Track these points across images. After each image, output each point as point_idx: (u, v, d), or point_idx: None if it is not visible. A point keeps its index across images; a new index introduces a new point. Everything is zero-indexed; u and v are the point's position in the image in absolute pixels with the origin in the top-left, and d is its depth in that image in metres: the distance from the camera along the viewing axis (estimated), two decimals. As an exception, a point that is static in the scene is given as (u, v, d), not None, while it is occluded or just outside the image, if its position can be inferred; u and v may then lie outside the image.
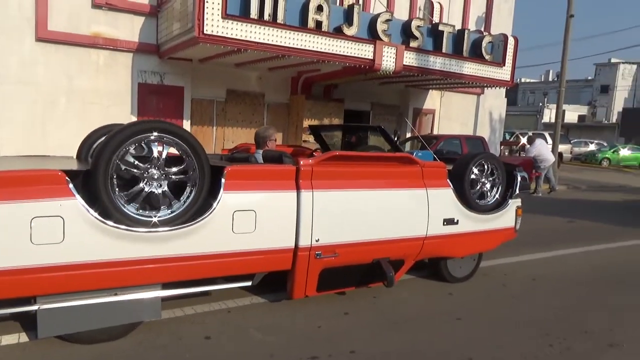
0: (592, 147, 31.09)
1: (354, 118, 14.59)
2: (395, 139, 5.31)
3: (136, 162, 3.20)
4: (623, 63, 48.35)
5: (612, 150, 28.62)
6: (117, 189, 3.09)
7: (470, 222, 4.64)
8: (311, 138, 12.43)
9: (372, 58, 10.48)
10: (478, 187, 4.83)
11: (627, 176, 21.85)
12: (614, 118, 44.36)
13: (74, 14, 9.63)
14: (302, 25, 9.52)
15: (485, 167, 4.85)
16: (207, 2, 8.14)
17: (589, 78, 53.26)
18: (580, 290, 4.98)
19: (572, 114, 45.27)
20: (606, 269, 5.88)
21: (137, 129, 3.15)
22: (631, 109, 41.34)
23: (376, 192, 4.05)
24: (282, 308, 4.05)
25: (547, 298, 4.68)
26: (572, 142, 28.62)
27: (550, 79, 56.25)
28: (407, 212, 4.22)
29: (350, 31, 10.04)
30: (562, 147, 22.13)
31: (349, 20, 10.07)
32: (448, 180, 4.53)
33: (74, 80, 9.87)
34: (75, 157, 4.49)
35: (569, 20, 14.92)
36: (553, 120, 19.71)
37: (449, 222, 4.48)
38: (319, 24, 9.61)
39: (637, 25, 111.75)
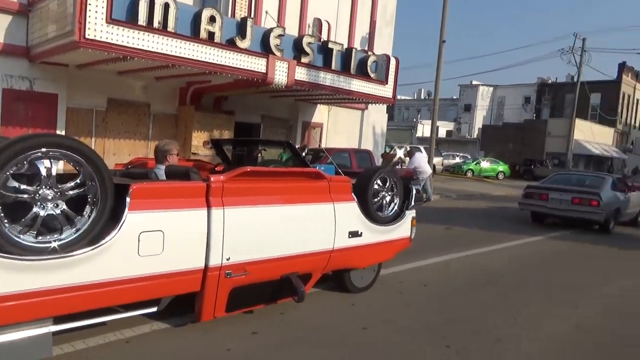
0: (458, 159, 34.41)
1: (245, 131, 14.49)
2: (304, 154, 5.41)
3: (22, 187, 2.82)
4: (482, 85, 54.45)
5: (474, 163, 31.96)
6: (4, 219, 2.70)
7: (372, 234, 4.86)
8: (200, 151, 12.18)
9: (264, 72, 10.54)
10: (379, 200, 5.08)
11: (488, 185, 24.54)
12: (475, 133, 49.62)
13: None
14: (194, 36, 9.26)
15: (386, 181, 5.13)
16: (89, 4, 7.56)
17: (455, 97, 59.05)
18: (465, 293, 5.46)
19: (441, 129, 49.79)
20: (483, 271, 6.53)
21: (22, 146, 2.74)
22: (489, 125, 46.69)
23: (286, 207, 4.06)
24: (188, 333, 3.85)
25: (439, 302, 5.06)
26: (442, 154, 31.45)
27: (422, 97, 61.27)
28: (315, 226, 4.30)
29: (243, 44, 10.00)
30: (435, 160, 24.16)
31: (242, 33, 10.03)
32: (353, 194, 4.70)
33: None
34: None
35: (441, 46, 16.44)
36: (426, 134, 21.50)
37: (354, 234, 4.64)
38: (211, 34, 9.44)
39: (495, 53, 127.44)
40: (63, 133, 10.51)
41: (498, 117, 52.72)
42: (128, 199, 3.14)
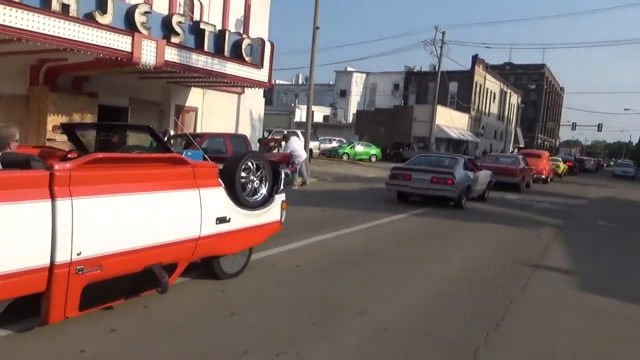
0: (334, 143, 35.72)
1: (111, 115, 13.45)
2: (165, 138, 5.18)
3: None
4: (356, 72, 56.90)
5: (349, 147, 33.48)
6: None
7: (241, 219, 4.84)
8: (58, 137, 11.05)
9: (130, 51, 9.87)
10: (248, 185, 5.08)
11: (362, 168, 25.91)
12: (350, 118, 51.84)
13: None
14: (44, 7, 8.30)
15: (254, 165, 5.13)
16: None
17: (331, 83, 60.99)
18: (334, 271, 5.75)
19: (318, 114, 51.09)
20: (353, 249, 6.92)
21: None
22: (363, 111, 49.10)
23: (146, 195, 3.86)
24: (35, 338, 3.50)
25: (309, 282, 5.26)
26: (319, 139, 32.38)
27: (300, 82, 62.25)
28: (179, 214, 4.16)
29: (104, 19, 9.24)
30: (312, 144, 24.80)
31: (102, 7, 9.26)
32: (219, 179, 4.63)
33: None
34: None
35: (315, 32, 16.79)
36: (304, 119, 21.95)
37: (222, 220, 4.57)
38: (65, 7, 8.56)
39: (366, 41, 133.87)
40: None
41: (371, 102, 55.67)
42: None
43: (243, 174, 4.98)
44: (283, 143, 14.85)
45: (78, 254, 3.37)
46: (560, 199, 17.15)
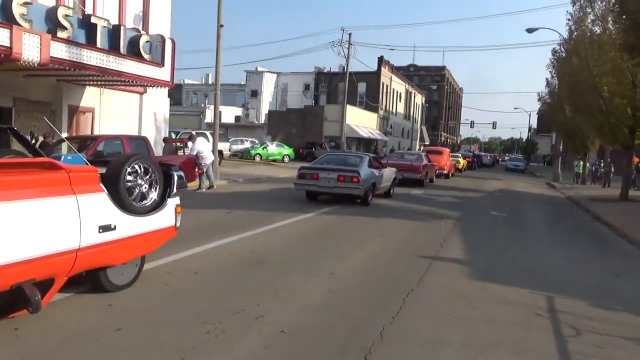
0: (246, 144, 35.28)
1: (-10, 116, 12.16)
2: (33, 141, 4.70)
3: None
4: (267, 72, 56.63)
5: (262, 147, 33.23)
6: None
7: (129, 226, 4.52)
8: None
9: (8, 45, 8.96)
10: (135, 190, 4.76)
11: (274, 168, 25.81)
12: (262, 119, 51.51)
13: None
14: None
15: (141, 168, 4.81)
16: None
17: (242, 83, 60.14)
18: (234, 276, 5.58)
19: (230, 114, 50.24)
20: (255, 252, 6.76)
21: None
22: (275, 111, 48.99)
23: (9, 204, 3.44)
24: None
25: (207, 289, 5.04)
26: (230, 140, 31.79)
27: (210, 82, 60.67)
28: (53, 223, 3.76)
29: (-28, 10, 8.24)
30: (222, 145, 24.24)
31: (-32, -4, 8.25)
32: (101, 184, 4.29)
33: None
34: None
35: (219, 30, 16.36)
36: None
37: (106, 228, 4.23)
38: None
39: (277, 41, 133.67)
40: None
41: (282, 102, 55.72)
42: None
43: (129, 178, 4.66)
44: (190, 144, 14.32)
45: None
46: (460, 193, 18.26)
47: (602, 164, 25.89)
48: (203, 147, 14.21)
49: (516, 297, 5.42)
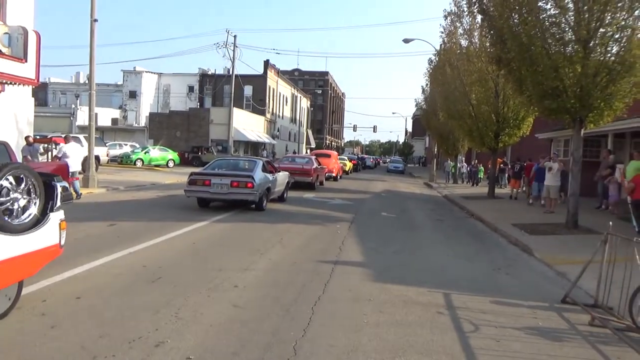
0: (126, 148, 32.88)
1: None
2: None
3: None
4: (146, 72, 53.47)
5: (144, 152, 31.19)
6: None
7: (3, 248, 3.87)
8: None
9: None
10: (9, 205, 4.11)
11: (158, 174, 24.34)
12: (143, 121, 48.50)
13: None
14: None
15: (16, 180, 4.17)
16: None
17: (119, 83, 56.07)
18: (126, 297, 4.99)
19: (106, 117, 46.49)
20: (146, 268, 6.16)
21: None
22: (156, 113, 46.39)
23: None
24: None
25: (94, 316, 4.42)
26: (107, 144, 29.34)
27: (81, 81, 55.72)
28: None
29: None
30: (99, 150, 22.25)
31: None
32: None
33: None
34: None
35: (93, 24, 14.96)
36: (88, 122, 19.46)
37: None
38: None
39: (157, 40, 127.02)
40: None
41: (165, 104, 53.07)
42: None
43: (2, 192, 4.01)
44: (60, 145, 12.92)
45: None
46: (350, 195, 18.82)
47: (476, 166, 28.47)
48: (74, 152, 12.86)
49: (417, 297, 5.59)
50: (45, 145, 16.49)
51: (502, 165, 24.58)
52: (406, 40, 28.76)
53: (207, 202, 12.05)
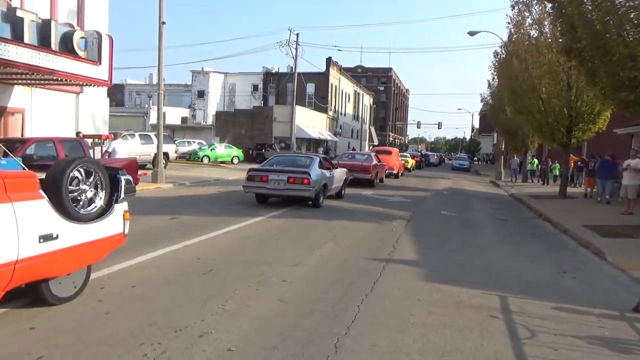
0: (194, 146, 34.25)
1: None
2: None
3: None
4: (213, 72, 55.39)
5: (210, 149, 32.34)
6: None
7: (73, 235, 4.18)
8: None
9: None
10: (79, 195, 4.42)
11: (223, 170, 25.14)
12: (210, 120, 50.32)
13: None
14: None
15: (85, 172, 4.47)
16: None
17: (188, 83, 58.50)
18: (177, 287, 5.17)
19: (176, 116, 48.71)
20: (200, 260, 6.36)
21: None
22: (222, 112, 47.95)
23: None
24: None
25: (146, 304, 4.61)
26: (176, 142, 30.71)
27: (154, 82, 58.67)
28: None
29: None
30: (168, 147, 23.35)
31: None
32: (41, 191, 3.93)
33: None
34: None
35: (161, 27, 15.66)
36: (158, 121, 20.45)
37: (47, 238, 3.90)
38: None
39: (223, 40, 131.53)
40: None
41: (230, 103, 54.70)
42: None
43: (72, 183, 4.30)
44: (108, 140, 13.89)
45: None
46: (410, 192, 18.45)
47: (551, 164, 26.46)
48: (121, 148, 13.69)
49: (470, 299, 5.35)
50: (96, 140, 17.45)
51: (579, 162, 22.98)
52: (471, 33, 27.74)
53: (265, 198, 12.26)
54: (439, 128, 72.87)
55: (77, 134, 14.62)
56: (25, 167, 4.61)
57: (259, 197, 12.21)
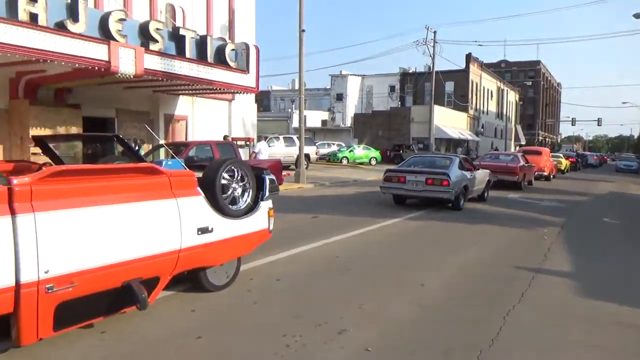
0: (333, 147, 35.36)
1: (97, 126, 13.11)
2: (137, 148, 4.90)
3: None
4: (351, 75, 56.55)
5: (349, 150, 33.11)
6: None
7: (225, 228, 4.59)
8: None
9: (107, 60, 9.53)
10: (229, 193, 4.83)
11: (361, 171, 25.51)
12: (348, 122, 51.45)
13: None
14: (10, 17, 7.95)
15: (235, 172, 4.87)
16: None
17: (327, 87, 60.58)
18: (318, 284, 5.34)
19: (316, 118, 50.82)
20: (339, 259, 6.49)
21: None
22: (360, 114, 48.75)
23: (118, 207, 3.60)
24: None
25: (289, 297, 4.85)
26: (317, 144, 32.02)
27: (296, 88, 61.97)
28: (156, 225, 3.89)
29: (76, 28, 8.91)
30: (309, 149, 24.45)
31: (73, 15, 8.93)
32: (199, 188, 4.39)
33: None
34: None
35: (301, 34, 16.44)
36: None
37: (204, 230, 4.34)
38: (33, 16, 8.21)
39: (362, 43, 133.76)
40: None
41: (368, 105, 55.28)
42: None
43: (224, 182, 4.73)
44: (252, 142, 15.06)
45: (46, 272, 3.13)
46: (563, 196, 16.70)
47: None
48: (265, 149, 14.60)
49: (635, 319, 4.62)
50: (244, 143, 18.73)
51: None
52: (637, 15, 24.19)
53: (403, 199, 12.10)
54: (598, 125, 64.72)
55: (224, 137, 16.05)
56: (187, 167, 5.14)
57: (396, 198, 12.10)
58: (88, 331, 3.77)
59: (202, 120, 16.96)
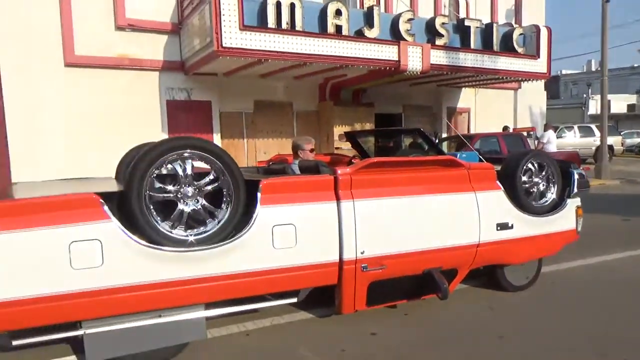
0: (643, 137, 29.26)
1: (386, 122, 14.21)
2: (436, 140, 5.07)
3: (168, 187, 3.12)
4: (671, 46, 45.52)
5: (665, 140, 26.84)
6: (152, 208, 2.99)
7: (526, 226, 4.31)
8: (344, 146, 12.20)
9: (397, 59, 10.15)
10: (531, 188, 4.51)
11: (685, 165, 20.35)
12: (665, 105, 41.79)
13: (98, 37, 9.73)
14: (322, 31, 9.30)
15: (536, 166, 4.52)
16: (223, 15, 8.06)
17: (635, 65, 50.47)
18: (631, 303, 4.42)
19: (621, 103, 42.93)
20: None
21: (167, 147, 3.05)
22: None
23: (421, 198, 3.80)
24: (327, 326, 3.81)
25: (603, 309, 4.15)
26: (622, 133, 27.06)
27: (592, 69, 53.79)
28: (455, 217, 3.95)
29: (371, 33, 9.76)
30: (612, 139, 20.93)
31: (369, 22, 9.80)
32: (498, 182, 4.24)
33: (103, 102, 9.90)
34: (114, 178, 4.48)
35: (605, 6, 14.03)
36: (599, 111, 18.60)
37: (503, 226, 4.17)
38: (338, 28, 9.38)
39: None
40: (218, 136, 11.43)
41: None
42: (259, 194, 3.24)
43: (524, 176, 4.42)
44: (533, 132, 13.39)
45: (362, 253, 3.55)
46: None
47: None
48: (554, 139, 12.86)
49: None
50: (529, 132, 17.00)
51: None
52: None
53: None
54: None
55: (504, 128, 15.03)
56: (483, 160, 4.95)
57: None
58: (393, 311, 4.05)
59: (485, 111, 16.41)
